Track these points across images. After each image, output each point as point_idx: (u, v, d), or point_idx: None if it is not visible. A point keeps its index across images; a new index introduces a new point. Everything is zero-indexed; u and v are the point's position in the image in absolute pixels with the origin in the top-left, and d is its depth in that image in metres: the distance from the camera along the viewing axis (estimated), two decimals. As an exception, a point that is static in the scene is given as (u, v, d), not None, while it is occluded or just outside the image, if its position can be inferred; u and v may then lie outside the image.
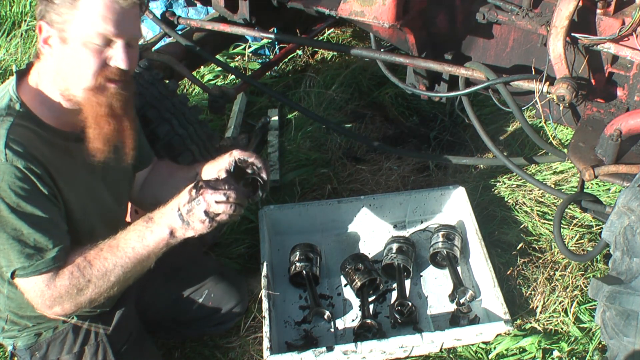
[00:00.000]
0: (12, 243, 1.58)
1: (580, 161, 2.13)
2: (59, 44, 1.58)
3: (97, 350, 1.96)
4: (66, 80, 1.62)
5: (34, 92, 1.66)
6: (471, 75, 2.35)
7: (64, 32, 1.56)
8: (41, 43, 1.59)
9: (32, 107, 1.64)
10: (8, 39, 4.18)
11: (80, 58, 1.58)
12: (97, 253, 1.67)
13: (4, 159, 1.54)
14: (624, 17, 2.04)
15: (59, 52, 1.59)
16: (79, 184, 1.74)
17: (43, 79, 1.66)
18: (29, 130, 1.60)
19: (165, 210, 1.69)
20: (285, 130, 3.45)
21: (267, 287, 2.39)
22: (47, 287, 1.64)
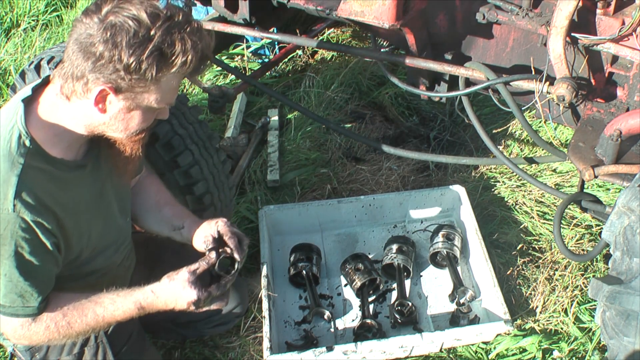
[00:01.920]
0: (3, 283, 1.59)
1: (580, 161, 2.13)
2: (119, 108, 1.56)
3: (97, 351, 1.96)
4: (109, 128, 1.62)
5: (46, 125, 1.61)
6: (471, 75, 2.35)
7: (134, 101, 1.55)
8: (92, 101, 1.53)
9: (41, 141, 1.60)
10: (7, 38, 4.18)
11: (138, 120, 1.61)
12: (80, 316, 1.71)
13: (12, 210, 1.52)
14: (624, 17, 2.04)
15: (115, 113, 1.57)
16: (86, 212, 1.74)
17: (66, 117, 1.61)
18: (39, 170, 1.59)
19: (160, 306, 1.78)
20: (285, 130, 3.45)
21: (267, 287, 2.39)
22: (21, 328, 1.67)
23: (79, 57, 1.48)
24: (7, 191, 1.52)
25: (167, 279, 1.77)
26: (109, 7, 1.47)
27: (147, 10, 1.46)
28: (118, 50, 1.44)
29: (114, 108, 1.56)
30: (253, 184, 3.10)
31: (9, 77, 3.81)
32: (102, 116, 1.58)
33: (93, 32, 1.46)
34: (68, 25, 4.30)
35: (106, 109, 1.56)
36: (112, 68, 1.47)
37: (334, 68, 3.82)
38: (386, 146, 2.74)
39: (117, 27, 1.44)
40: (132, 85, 1.51)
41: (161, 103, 1.59)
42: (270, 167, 3.16)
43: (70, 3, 4.57)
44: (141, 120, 1.62)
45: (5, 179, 1.53)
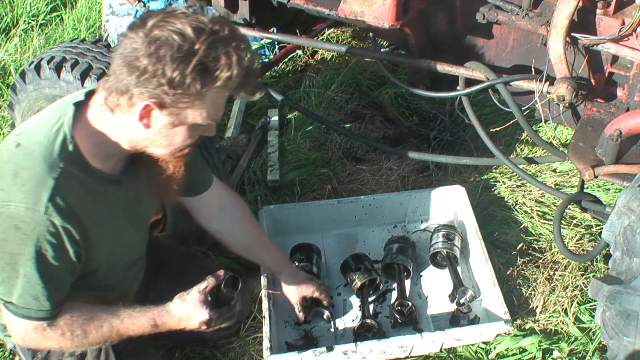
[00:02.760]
0: (17, 283, 1.59)
1: (580, 161, 2.13)
2: (164, 123, 1.55)
3: (100, 353, 1.96)
4: (152, 144, 1.61)
5: (91, 133, 1.61)
6: (471, 75, 2.35)
7: (179, 117, 1.53)
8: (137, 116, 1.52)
9: (83, 149, 1.60)
10: (7, 39, 4.18)
11: (183, 136, 1.59)
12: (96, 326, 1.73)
13: (44, 212, 1.51)
14: (624, 17, 2.04)
15: (159, 128, 1.56)
16: (112, 226, 1.75)
17: (111, 129, 1.60)
18: (75, 178, 1.58)
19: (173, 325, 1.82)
20: (285, 130, 3.45)
21: (267, 287, 2.39)
22: (35, 331, 1.67)
23: (124, 72, 1.47)
24: (41, 193, 1.52)
25: (179, 300, 1.82)
26: (154, 21, 1.45)
27: (191, 24, 1.44)
28: (162, 64, 1.42)
29: (158, 123, 1.54)
30: (253, 184, 3.10)
31: (9, 77, 3.81)
32: (146, 131, 1.56)
33: (138, 46, 1.44)
34: (68, 25, 4.30)
35: (150, 124, 1.54)
36: (156, 82, 1.45)
37: (334, 68, 3.82)
38: (386, 146, 2.74)
39: (162, 41, 1.42)
40: (176, 101, 1.48)
41: (207, 119, 1.56)
42: (270, 167, 3.16)
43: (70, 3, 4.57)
44: (186, 137, 1.60)
45: (42, 181, 1.52)
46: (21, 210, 1.51)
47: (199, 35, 1.43)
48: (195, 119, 1.55)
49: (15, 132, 1.63)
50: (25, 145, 1.56)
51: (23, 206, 1.51)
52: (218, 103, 1.56)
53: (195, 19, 1.46)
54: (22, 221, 1.52)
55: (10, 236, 1.53)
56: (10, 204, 1.51)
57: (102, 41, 2.65)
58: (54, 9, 4.50)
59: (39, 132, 1.58)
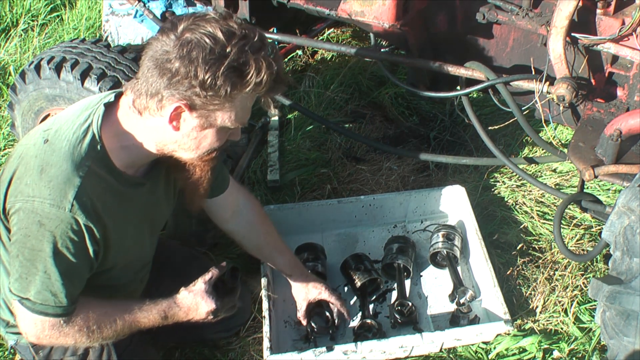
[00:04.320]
0: (36, 280, 1.60)
1: (580, 161, 2.13)
2: (192, 126, 1.56)
3: (102, 353, 1.96)
4: (180, 147, 1.62)
5: (119, 134, 1.63)
6: (471, 75, 2.35)
7: (208, 119, 1.56)
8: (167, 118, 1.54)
9: (110, 149, 1.62)
10: (7, 39, 4.18)
11: (211, 139, 1.61)
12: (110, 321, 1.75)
13: (69, 210, 1.53)
14: (624, 17, 2.04)
15: (189, 131, 1.57)
16: (128, 230, 1.76)
17: (139, 131, 1.62)
18: (100, 178, 1.60)
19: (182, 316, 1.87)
20: (285, 130, 3.45)
21: (267, 287, 2.39)
22: (52, 328, 1.68)
23: (154, 74, 1.49)
24: (68, 190, 1.53)
25: (187, 291, 1.85)
26: (185, 24, 1.48)
27: (222, 29, 1.46)
28: (194, 66, 1.45)
29: (188, 126, 1.56)
30: (253, 184, 3.10)
31: (9, 77, 3.81)
32: (175, 134, 1.58)
33: (169, 49, 1.47)
34: (68, 25, 4.30)
35: (180, 126, 1.56)
36: (187, 84, 1.47)
37: (334, 68, 3.82)
38: (386, 146, 2.74)
39: (194, 43, 1.45)
40: (207, 103, 1.51)
41: (235, 123, 1.59)
42: (270, 167, 3.16)
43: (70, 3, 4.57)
44: (214, 140, 1.62)
45: (69, 178, 1.54)
46: (46, 206, 1.52)
47: (230, 39, 1.46)
48: (225, 122, 1.57)
49: (43, 127, 1.65)
50: (53, 141, 1.57)
51: (48, 202, 1.52)
52: (246, 107, 1.59)
53: (226, 23, 1.48)
54: (46, 217, 1.53)
55: (33, 232, 1.55)
56: (35, 200, 1.53)
57: (102, 41, 2.64)
58: (54, 9, 4.50)
59: (68, 129, 1.59)
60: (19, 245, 1.58)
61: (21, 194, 1.55)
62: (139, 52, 2.54)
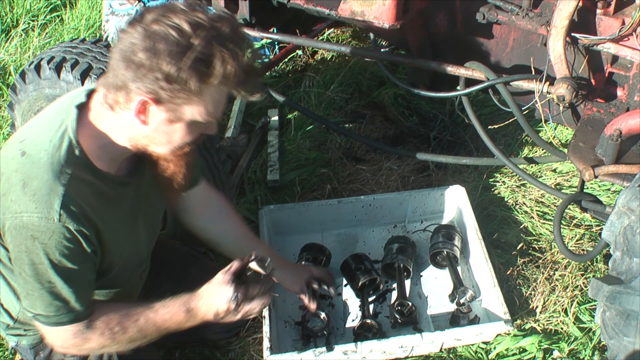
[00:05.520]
0: (43, 293, 1.60)
1: (580, 161, 2.13)
2: (162, 119, 1.53)
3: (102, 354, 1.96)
4: (152, 143, 1.60)
5: (94, 135, 1.61)
6: (471, 75, 2.35)
7: (176, 113, 1.52)
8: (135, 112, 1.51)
9: (89, 152, 1.60)
10: (7, 39, 4.18)
11: (182, 133, 1.58)
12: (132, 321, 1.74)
13: (57, 219, 1.51)
14: (624, 17, 2.04)
15: (158, 125, 1.55)
16: (121, 229, 1.75)
17: (112, 129, 1.60)
18: (84, 182, 1.58)
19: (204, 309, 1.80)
20: (285, 130, 3.45)
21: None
22: (74, 336, 1.68)
23: (121, 67, 1.46)
24: (53, 201, 1.51)
25: (207, 284, 1.81)
26: (153, 16, 1.45)
27: (190, 20, 1.43)
28: (159, 59, 1.42)
29: (156, 120, 1.53)
30: (253, 184, 3.10)
31: (9, 77, 3.81)
32: (144, 128, 1.55)
33: (135, 41, 1.44)
34: (68, 25, 4.30)
35: (148, 120, 1.54)
36: (152, 77, 1.44)
37: (334, 68, 3.82)
38: (386, 146, 2.74)
39: (159, 35, 1.42)
40: (173, 96, 1.47)
41: (206, 116, 1.55)
42: (270, 167, 3.16)
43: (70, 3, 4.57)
44: (185, 134, 1.58)
45: (52, 188, 1.52)
46: (35, 220, 1.51)
47: (196, 30, 1.43)
48: (194, 116, 1.53)
49: (18, 138, 1.62)
50: (31, 153, 1.55)
51: (36, 216, 1.51)
52: (217, 100, 1.54)
53: (194, 15, 1.45)
54: (37, 231, 1.52)
55: (29, 247, 1.54)
56: (22, 215, 1.52)
57: (102, 41, 2.64)
58: (54, 9, 4.50)
59: (44, 138, 1.57)
60: (19, 263, 1.58)
61: (8, 211, 1.54)
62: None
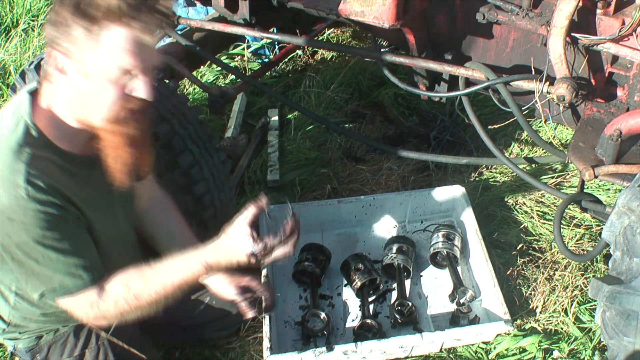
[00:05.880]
0: (42, 269, 1.60)
1: (580, 161, 2.13)
2: (76, 75, 1.51)
3: (98, 354, 1.96)
4: (84, 110, 1.56)
5: (49, 116, 1.60)
6: (471, 75, 2.35)
7: (84, 65, 1.49)
8: (54, 71, 1.52)
9: (48, 133, 1.59)
10: (7, 39, 4.18)
11: (100, 90, 1.51)
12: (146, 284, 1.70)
13: (25, 195, 1.51)
14: (624, 17, 2.04)
15: (76, 83, 1.52)
16: (98, 208, 1.73)
17: (56, 104, 1.59)
18: (48, 160, 1.57)
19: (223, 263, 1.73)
20: (285, 130, 3.45)
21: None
22: (91, 307, 1.67)
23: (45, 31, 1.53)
24: (17, 179, 1.51)
25: (224, 235, 1.73)
26: None
27: None
28: (54, 11, 1.47)
29: (73, 75, 1.51)
30: (253, 184, 3.10)
31: (9, 77, 3.81)
32: (69, 90, 1.53)
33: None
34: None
35: (69, 81, 1.52)
36: (56, 32, 1.48)
37: (334, 68, 3.82)
38: (386, 146, 2.74)
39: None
40: (75, 47, 1.47)
41: (116, 66, 1.48)
42: (270, 167, 3.16)
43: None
44: (106, 92, 1.51)
45: (14, 169, 1.52)
46: (5, 201, 1.51)
47: None
48: (104, 67, 1.48)
49: None
50: None
51: (5, 198, 1.51)
52: (121, 46, 1.47)
53: None
54: (11, 211, 1.52)
55: (9, 229, 1.54)
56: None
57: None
58: (54, 9, 4.50)
59: (1, 126, 1.58)
60: (8, 249, 1.58)
61: None
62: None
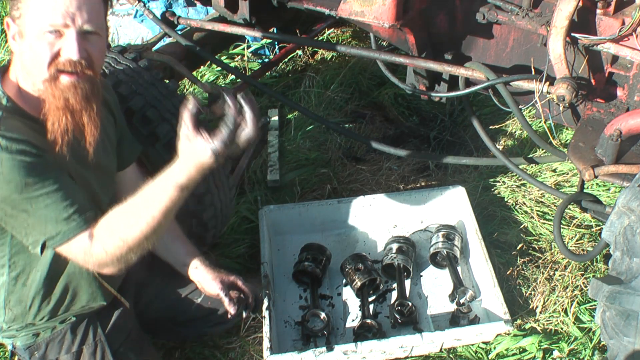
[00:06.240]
0: (34, 219, 1.60)
1: (580, 161, 2.13)
2: (19, 38, 1.61)
3: (96, 350, 1.96)
4: (29, 74, 1.62)
5: (16, 85, 1.66)
6: (471, 75, 2.35)
7: (21, 26, 1.59)
8: (10, 39, 1.64)
9: (17, 101, 1.64)
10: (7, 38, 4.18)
11: (34, 50, 1.58)
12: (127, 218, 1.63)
13: (3, 146, 1.53)
14: (624, 17, 2.04)
15: (19, 46, 1.61)
16: (72, 171, 1.72)
17: (18, 74, 1.67)
18: (20, 123, 1.60)
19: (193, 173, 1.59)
20: (285, 130, 3.45)
21: (267, 287, 2.39)
22: (86, 255, 1.66)
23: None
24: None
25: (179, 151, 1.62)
26: None
27: None
28: None
29: (17, 39, 1.62)
30: (253, 184, 3.10)
31: None
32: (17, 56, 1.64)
33: None
34: (68, 25, 4.30)
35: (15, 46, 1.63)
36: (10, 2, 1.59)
37: (334, 68, 3.82)
38: (386, 146, 2.74)
39: None
40: (17, 9, 1.57)
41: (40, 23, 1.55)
42: (270, 167, 3.16)
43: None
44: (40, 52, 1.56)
45: None
46: None
47: None
48: (33, 24, 1.56)
49: None
50: None
51: None
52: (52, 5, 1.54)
53: None
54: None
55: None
56: None
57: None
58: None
59: None
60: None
61: None
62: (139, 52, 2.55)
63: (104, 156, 1.88)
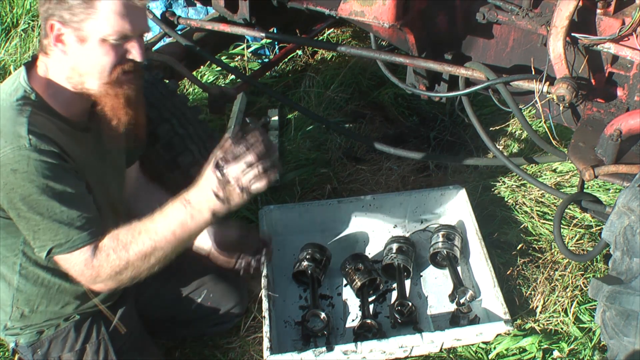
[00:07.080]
0: (47, 223, 1.60)
1: (580, 161, 2.13)
2: (75, 42, 1.60)
3: (99, 349, 1.97)
4: (82, 76, 1.64)
5: (45, 83, 1.68)
6: (471, 75, 2.35)
7: (81, 31, 1.58)
8: (52, 41, 1.60)
9: (45, 97, 1.67)
10: (7, 39, 4.18)
11: (98, 55, 1.61)
12: (133, 236, 1.66)
13: (29, 144, 1.55)
14: (624, 17, 2.04)
15: (74, 50, 1.61)
16: (92, 172, 1.76)
17: (53, 72, 1.67)
18: (47, 120, 1.63)
19: (201, 194, 1.61)
20: (285, 130, 3.45)
21: (267, 287, 2.39)
22: (86, 266, 1.66)
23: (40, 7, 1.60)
24: (19, 130, 1.56)
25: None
26: None
27: None
28: None
29: (70, 44, 1.60)
30: (253, 184, 3.09)
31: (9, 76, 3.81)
32: (67, 58, 1.63)
33: None
34: (68, 25, 4.30)
35: (66, 49, 1.61)
36: (53, 3, 1.56)
37: (334, 68, 3.82)
38: (386, 146, 2.74)
39: None
40: (72, 14, 1.56)
41: (112, 30, 1.58)
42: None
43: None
44: (102, 54, 1.61)
45: (16, 121, 1.57)
46: (8, 153, 1.55)
47: None
48: (98, 31, 1.58)
49: None
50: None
51: (9, 149, 1.55)
52: (116, 12, 1.58)
53: None
54: (14, 162, 1.55)
55: (12, 182, 1.56)
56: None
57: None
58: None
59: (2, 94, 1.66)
60: (13, 204, 1.59)
61: None
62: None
63: (117, 153, 1.93)
